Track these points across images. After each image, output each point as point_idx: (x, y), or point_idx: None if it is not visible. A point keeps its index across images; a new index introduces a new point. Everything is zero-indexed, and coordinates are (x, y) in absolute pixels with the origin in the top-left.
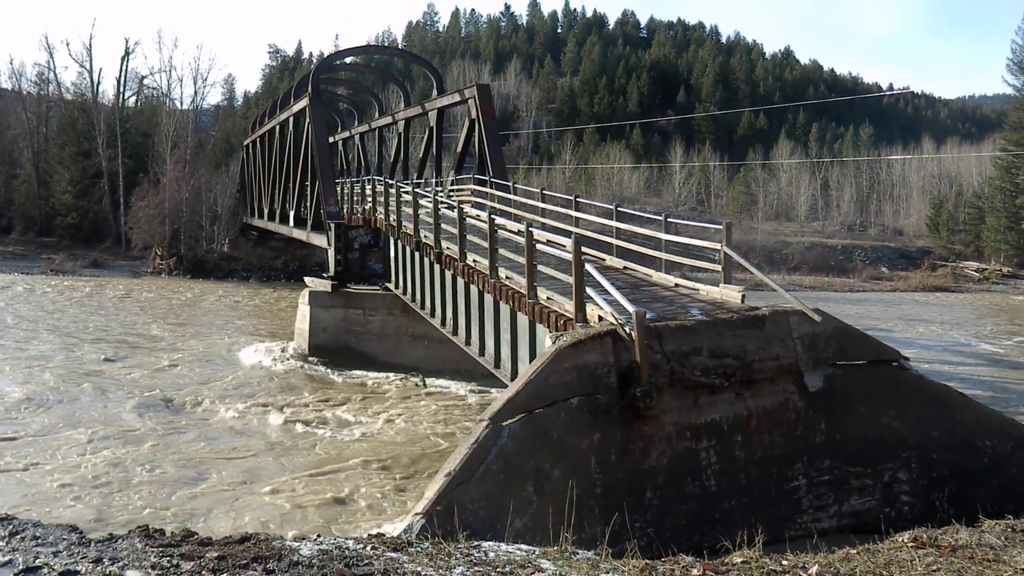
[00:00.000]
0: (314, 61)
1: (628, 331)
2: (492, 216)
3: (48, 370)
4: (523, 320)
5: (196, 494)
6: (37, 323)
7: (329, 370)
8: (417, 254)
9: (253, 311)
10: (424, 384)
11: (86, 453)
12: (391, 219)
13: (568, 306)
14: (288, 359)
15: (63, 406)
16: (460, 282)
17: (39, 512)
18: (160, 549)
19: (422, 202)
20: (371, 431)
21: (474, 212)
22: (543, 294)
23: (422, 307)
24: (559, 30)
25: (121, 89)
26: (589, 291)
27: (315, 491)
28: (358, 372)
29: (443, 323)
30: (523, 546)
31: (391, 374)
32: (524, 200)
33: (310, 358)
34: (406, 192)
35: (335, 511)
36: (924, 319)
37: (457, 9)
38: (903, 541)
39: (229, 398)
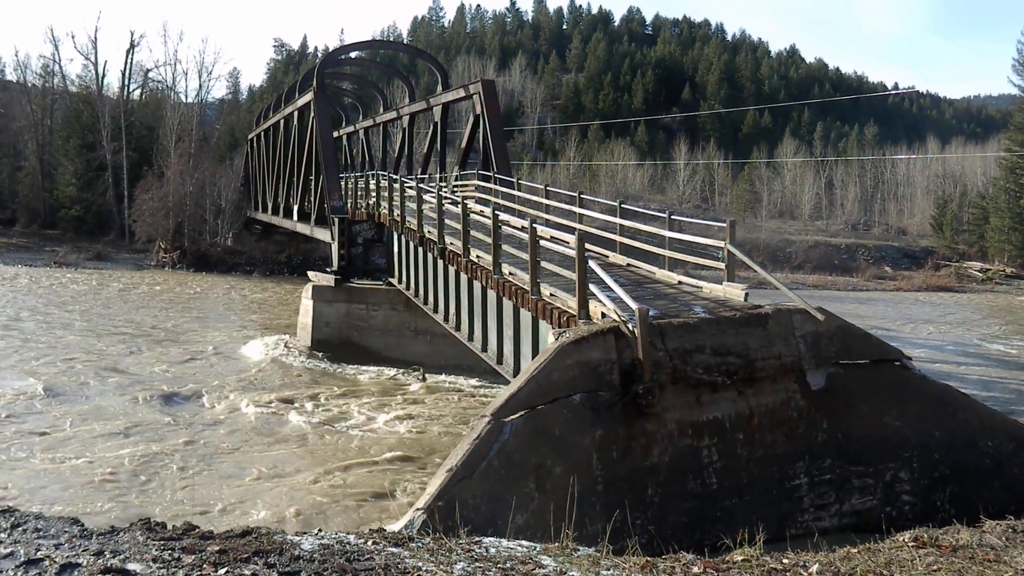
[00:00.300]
0: (319, 56)
1: (631, 328)
2: (496, 212)
3: (67, 364)
4: (526, 316)
5: (240, 487)
6: (48, 316)
7: (335, 365)
8: (420, 249)
9: (257, 305)
10: (424, 379)
11: (123, 448)
12: (395, 214)
13: (571, 303)
14: (292, 354)
15: (87, 400)
16: (463, 278)
17: (91, 507)
18: (162, 542)
19: (426, 197)
20: (397, 426)
21: (478, 208)
22: (546, 290)
23: (425, 302)
24: (564, 27)
25: (126, 82)
26: (592, 288)
27: (356, 485)
28: (365, 367)
29: (446, 318)
30: (524, 542)
31: (396, 369)
32: (528, 196)
33: (313, 352)
34: (410, 187)
35: (381, 506)
36: (931, 319)
37: (463, 5)
38: (904, 540)
39: (247, 392)
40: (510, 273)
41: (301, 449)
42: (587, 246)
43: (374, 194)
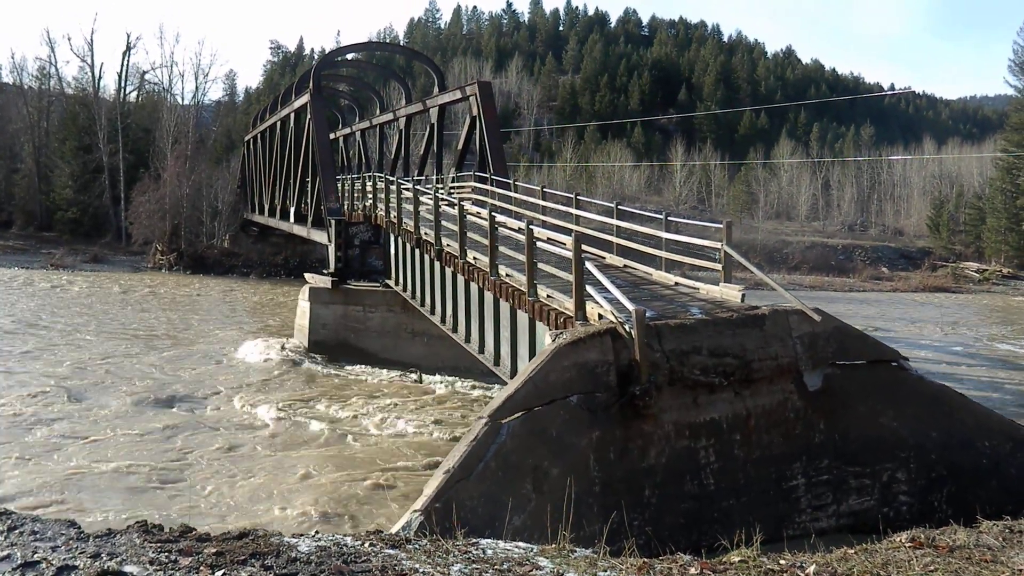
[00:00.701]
0: (316, 57)
1: (628, 329)
2: (492, 213)
3: (82, 367)
4: (523, 318)
5: (275, 490)
6: (58, 321)
7: (336, 367)
8: (417, 251)
9: (256, 307)
10: (421, 381)
11: (152, 453)
12: (391, 216)
13: (568, 304)
14: (291, 356)
15: (104, 405)
16: (460, 279)
17: (157, 512)
18: (158, 544)
19: (422, 199)
20: (422, 429)
21: (474, 209)
22: (543, 292)
23: (422, 304)
24: (561, 28)
25: (122, 84)
26: (589, 289)
27: (391, 489)
28: (371, 369)
29: (443, 320)
30: (521, 544)
31: (395, 371)
32: (525, 198)
33: (310, 354)
34: (406, 189)
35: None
36: (933, 320)
37: (459, 6)
38: (901, 541)
39: (260, 395)
40: (507, 275)
41: (328, 453)
42: (584, 247)
43: (371, 196)
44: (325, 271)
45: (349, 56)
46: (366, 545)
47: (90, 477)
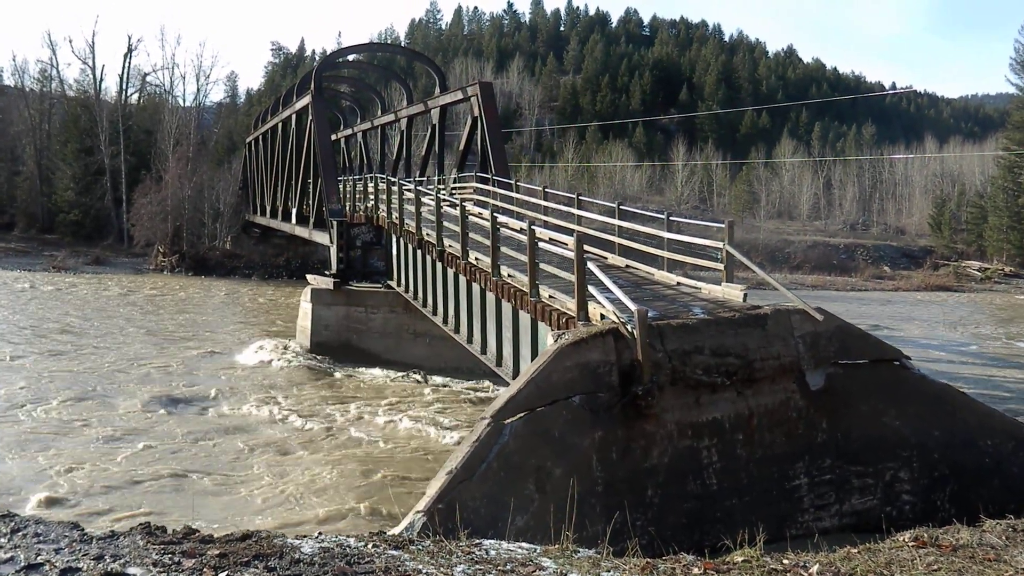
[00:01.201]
0: (317, 59)
1: (630, 329)
2: (494, 214)
3: (115, 371)
4: (525, 318)
5: (306, 493)
6: (84, 322)
7: (341, 368)
8: (419, 252)
9: (262, 309)
10: (426, 381)
11: (198, 456)
12: (393, 217)
13: (570, 304)
14: (296, 358)
15: (152, 408)
16: (462, 280)
17: (216, 520)
18: (162, 546)
19: (424, 200)
20: (431, 430)
21: (476, 210)
22: (545, 292)
23: (424, 305)
24: (562, 28)
25: (124, 86)
26: (591, 289)
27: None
28: (372, 370)
29: (445, 321)
30: (524, 544)
31: (400, 372)
32: (526, 198)
33: (314, 356)
34: (408, 190)
35: None
36: (941, 320)
37: (460, 7)
38: (904, 540)
39: (285, 397)
40: (509, 275)
41: (365, 455)
42: (585, 248)
43: (372, 197)
44: (327, 272)
45: (350, 57)
46: (369, 546)
47: (149, 481)
